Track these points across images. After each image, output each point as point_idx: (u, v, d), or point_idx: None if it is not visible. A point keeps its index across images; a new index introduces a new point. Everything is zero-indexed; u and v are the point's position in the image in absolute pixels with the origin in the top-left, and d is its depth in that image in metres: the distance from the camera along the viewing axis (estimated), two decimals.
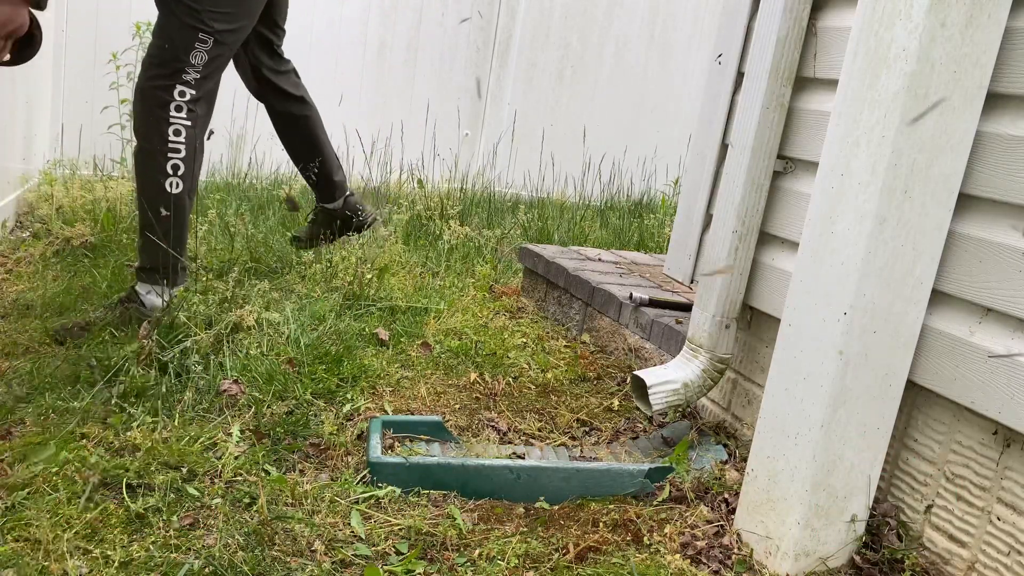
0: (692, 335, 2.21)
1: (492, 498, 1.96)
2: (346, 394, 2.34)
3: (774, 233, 2.11)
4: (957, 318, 1.66)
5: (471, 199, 5.07)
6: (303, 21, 5.54)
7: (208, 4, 2.41)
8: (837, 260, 1.65)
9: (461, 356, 2.69)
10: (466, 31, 6.11)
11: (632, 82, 6.58)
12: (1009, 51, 1.58)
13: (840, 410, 1.66)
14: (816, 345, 1.68)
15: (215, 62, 2.49)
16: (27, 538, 1.59)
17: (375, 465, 1.94)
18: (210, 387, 2.25)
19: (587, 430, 2.36)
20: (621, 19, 6.44)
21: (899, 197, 1.58)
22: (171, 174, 2.46)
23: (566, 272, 3.22)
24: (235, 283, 2.78)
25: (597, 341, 3.00)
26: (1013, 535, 1.58)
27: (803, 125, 2.03)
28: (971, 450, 1.67)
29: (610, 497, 1.98)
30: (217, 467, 1.91)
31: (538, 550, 1.74)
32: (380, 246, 3.60)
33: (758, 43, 2.04)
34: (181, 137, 2.43)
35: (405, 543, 1.73)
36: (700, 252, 2.40)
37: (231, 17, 2.47)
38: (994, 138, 1.60)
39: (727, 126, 2.28)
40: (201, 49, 2.42)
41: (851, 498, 1.73)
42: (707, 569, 1.72)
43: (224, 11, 2.44)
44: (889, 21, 1.57)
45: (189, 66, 2.42)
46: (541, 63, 6.33)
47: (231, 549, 1.62)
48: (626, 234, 4.71)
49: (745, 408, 2.25)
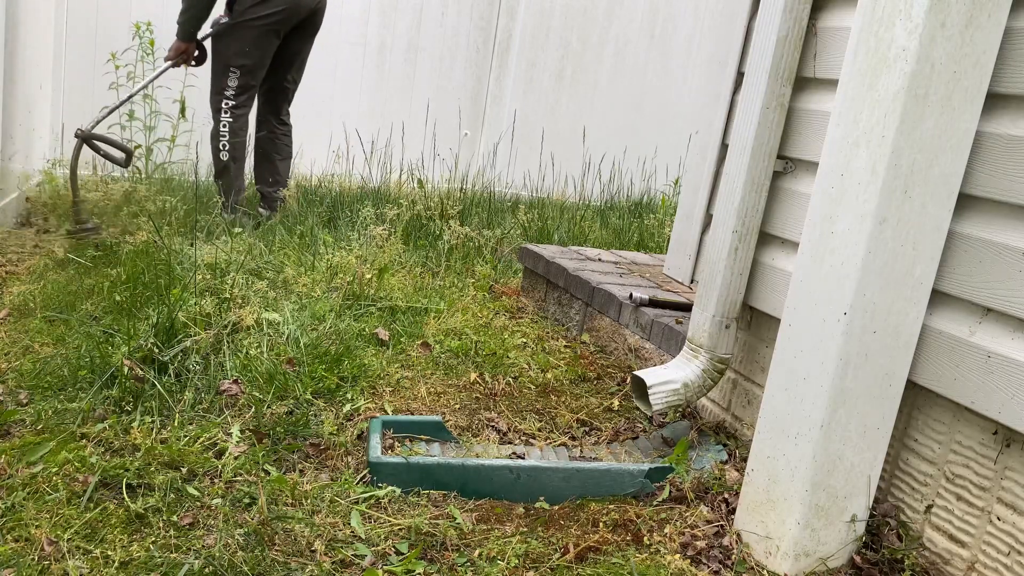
0: (692, 335, 2.21)
1: (492, 498, 1.96)
2: (346, 394, 2.34)
3: (774, 233, 2.11)
4: (957, 318, 1.66)
5: (471, 199, 5.07)
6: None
7: (233, 53, 3.89)
8: (837, 260, 1.65)
9: (461, 356, 2.69)
10: (466, 31, 6.11)
11: (632, 82, 6.58)
12: (1009, 51, 1.58)
13: (840, 410, 1.66)
14: (816, 345, 1.68)
15: (245, 86, 3.97)
16: (27, 538, 1.59)
17: (375, 465, 1.94)
18: (210, 387, 2.25)
19: (587, 430, 2.36)
20: (621, 19, 6.44)
21: (899, 197, 1.58)
22: (221, 149, 4.00)
23: (566, 272, 3.22)
24: (234, 283, 2.78)
25: (597, 341, 3.00)
26: (1013, 535, 1.58)
27: (803, 125, 2.03)
28: (971, 450, 1.67)
29: (610, 497, 1.98)
30: (217, 467, 1.91)
31: (538, 550, 1.74)
32: (380, 246, 3.60)
33: (758, 43, 2.03)
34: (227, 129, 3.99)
35: (405, 543, 1.73)
36: (700, 252, 2.40)
37: (248, 55, 3.90)
38: (994, 138, 1.60)
39: (727, 126, 2.28)
40: (233, 76, 3.90)
41: (851, 498, 1.72)
42: (707, 569, 1.72)
43: (243, 53, 3.90)
44: (889, 21, 1.57)
45: (227, 88, 3.92)
46: (541, 63, 6.33)
47: (231, 549, 1.62)
48: (626, 234, 4.71)
49: (745, 408, 2.25)
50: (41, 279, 3.10)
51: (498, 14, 6.15)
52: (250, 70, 3.87)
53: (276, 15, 3.83)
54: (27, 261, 3.36)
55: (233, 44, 3.82)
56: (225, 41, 3.85)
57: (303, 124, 5.73)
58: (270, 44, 3.89)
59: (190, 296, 2.65)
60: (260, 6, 3.78)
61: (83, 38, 4.99)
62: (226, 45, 3.84)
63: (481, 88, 6.26)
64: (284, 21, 3.87)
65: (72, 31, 4.96)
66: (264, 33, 3.83)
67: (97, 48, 5.04)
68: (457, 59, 6.14)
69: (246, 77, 3.86)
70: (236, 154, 3.98)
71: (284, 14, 3.86)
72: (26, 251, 3.50)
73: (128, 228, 3.67)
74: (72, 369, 2.27)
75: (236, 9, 3.82)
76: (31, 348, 2.45)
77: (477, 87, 6.24)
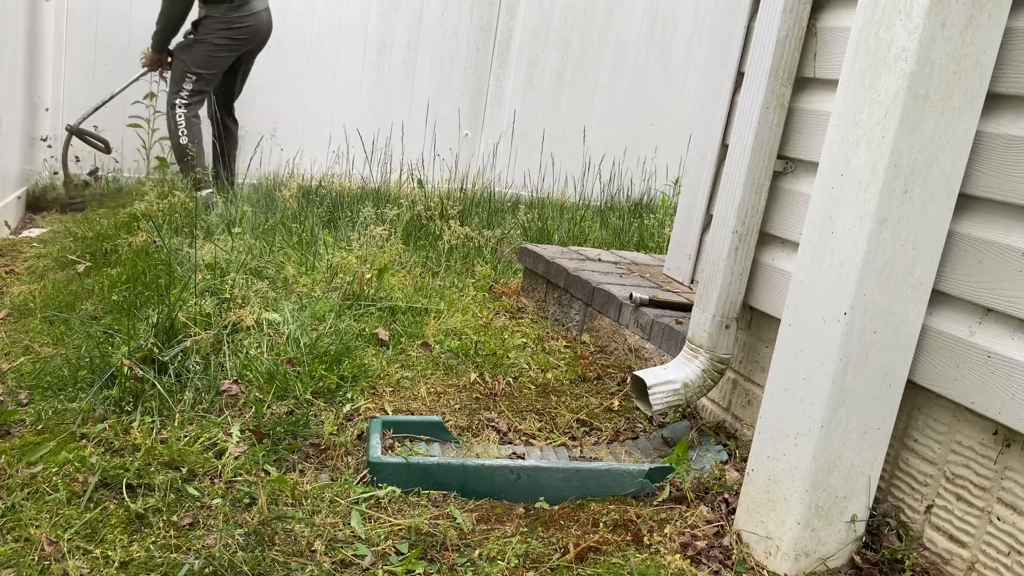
0: (692, 335, 2.21)
1: (492, 498, 1.96)
2: (346, 394, 2.34)
3: (774, 233, 2.11)
4: (957, 318, 1.66)
5: (471, 199, 5.07)
6: (303, 22, 5.54)
7: (191, 62, 4.48)
8: (837, 260, 1.65)
9: (461, 356, 2.69)
10: (466, 31, 6.11)
11: (632, 82, 6.58)
12: (1009, 51, 1.58)
13: (840, 410, 1.66)
14: (816, 345, 1.68)
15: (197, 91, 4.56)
16: (27, 538, 1.59)
17: (375, 465, 1.94)
18: (210, 387, 2.25)
19: (587, 430, 2.36)
20: (621, 19, 6.44)
21: (899, 197, 1.58)
22: (180, 135, 4.49)
23: (566, 272, 3.22)
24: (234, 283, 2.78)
25: (597, 341, 3.00)
26: (1013, 535, 1.58)
27: (803, 125, 2.03)
28: (971, 450, 1.67)
29: (610, 497, 1.98)
30: (217, 467, 1.91)
31: (538, 550, 1.74)
32: (380, 246, 3.60)
33: (758, 43, 2.03)
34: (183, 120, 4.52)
35: (405, 543, 1.73)
36: (700, 252, 2.40)
37: (204, 67, 4.51)
38: (994, 138, 1.60)
39: (727, 126, 2.28)
40: (189, 81, 4.47)
41: (851, 498, 1.73)
42: (707, 569, 1.72)
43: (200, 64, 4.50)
44: (889, 21, 1.57)
45: (183, 90, 4.47)
46: (541, 63, 6.33)
47: (231, 549, 1.62)
48: (626, 234, 4.71)
49: (745, 408, 2.25)
50: (41, 279, 3.10)
51: (498, 14, 6.15)
52: (204, 79, 4.50)
53: (236, 43, 4.54)
54: (27, 261, 3.36)
55: (193, 56, 4.47)
56: (188, 52, 4.49)
57: (303, 124, 5.75)
58: (225, 60, 4.56)
59: (190, 296, 2.65)
60: (222, 32, 4.45)
61: (83, 38, 4.99)
62: (187, 55, 4.48)
63: (481, 88, 6.26)
64: (240, 45, 4.56)
65: (72, 31, 4.95)
66: (220, 51, 4.50)
67: (97, 48, 5.04)
68: (457, 59, 6.14)
69: (200, 83, 4.49)
70: (193, 137, 4.49)
71: (242, 43, 4.57)
72: (28, 250, 3.50)
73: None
74: (72, 369, 2.27)
75: (200, 30, 4.49)
76: (31, 348, 2.45)
77: (477, 87, 6.24)
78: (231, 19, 4.45)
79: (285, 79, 5.46)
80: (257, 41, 4.67)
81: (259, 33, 4.63)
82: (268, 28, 4.69)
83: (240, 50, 4.60)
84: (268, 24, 4.69)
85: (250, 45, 4.64)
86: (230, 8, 4.44)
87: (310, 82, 5.71)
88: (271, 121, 5.48)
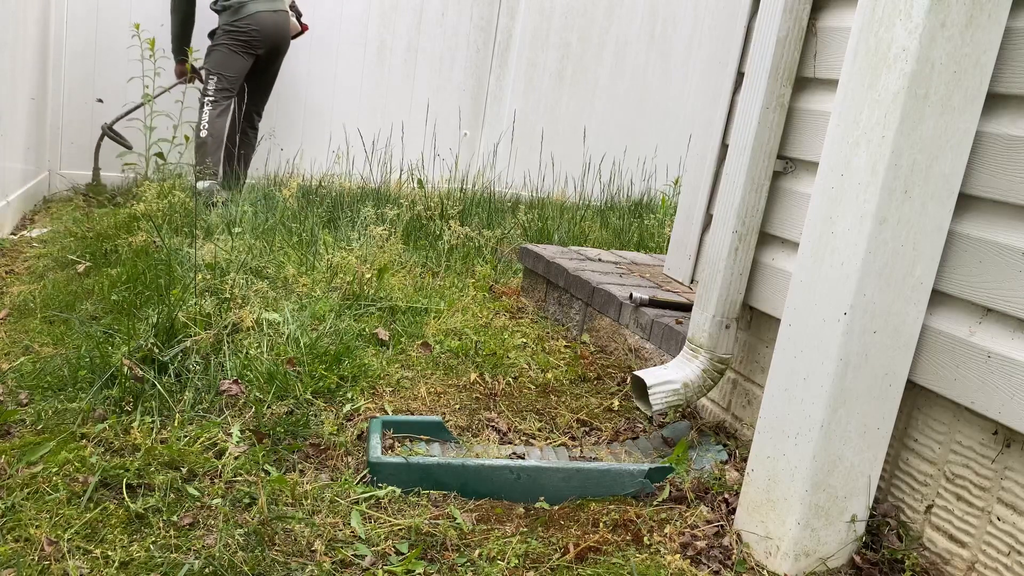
0: (692, 335, 2.21)
1: (492, 498, 1.96)
2: (346, 394, 2.34)
3: (774, 233, 2.11)
4: (957, 318, 1.66)
5: (471, 199, 5.07)
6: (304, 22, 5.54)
7: (211, 64, 4.84)
8: (837, 260, 1.65)
9: (461, 356, 2.69)
10: (466, 31, 6.11)
11: (632, 82, 6.58)
12: (1009, 51, 1.58)
13: (840, 410, 1.66)
14: (816, 345, 1.68)
15: (222, 90, 4.89)
16: (27, 538, 1.59)
17: (375, 465, 1.94)
18: (210, 387, 2.25)
19: (587, 430, 2.36)
20: (621, 19, 6.44)
21: (899, 197, 1.58)
22: (201, 128, 4.82)
23: (566, 272, 3.22)
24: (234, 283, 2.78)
25: (597, 341, 3.00)
26: (1013, 535, 1.58)
27: (803, 125, 2.03)
28: (971, 450, 1.67)
29: (610, 497, 1.98)
30: (217, 467, 1.91)
31: (538, 550, 1.74)
32: (380, 246, 3.60)
33: (758, 43, 2.03)
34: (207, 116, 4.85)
35: (405, 543, 1.73)
36: (700, 252, 2.40)
37: (223, 67, 4.85)
38: (994, 138, 1.60)
39: (727, 126, 2.28)
40: (212, 81, 4.82)
41: (851, 498, 1.73)
42: (707, 569, 1.72)
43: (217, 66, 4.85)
44: (889, 21, 1.57)
45: (209, 89, 4.82)
46: (541, 63, 6.33)
47: (231, 549, 1.62)
48: (626, 234, 4.71)
49: (745, 408, 2.25)
50: (41, 279, 3.10)
51: (498, 14, 6.15)
52: (225, 79, 4.83)
53: (243, 44, 4.82)
54: (27, 261, 3.36)
55: (212, 59, 4.86)
56: (209, 56, 4.90)
57: (303, 124, 5.76)
58: (239, 62, 4.86)
59: (190, 296, 2.65)
60: (229, 35, 4.79)
61: (83, 38, 4.99)
62: (209, 58, 4.89)
63: (481, 88, 6.26)
64: (249, 46, 4.83)
65: (72, 31, 4.95)
66: (232, 53, 4.82)
67: (97, 48, 5.04)
68: (457, 59, 6.14)
69: (222, 83, 4.82)
70: (213, 132, 4.79)
71: (251, 44, 4.84)
72: (29, 250, 3.50)
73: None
74: (72, 369, 2.27)
75: (215, 36, 4.88)
76: (31, 348, 2.45)
77: (477, 87, 6.24)
78: (232, 23, 4.77)
79: (285, 79, 5.46)
80: (269, 44, 4.88)
81: (267, 35, 4.83)
82: (277, 29, 4.86)
83: (252, 51, 4.85)
84: (275, 25, 4.84)
85: (262, 48, 4.87)
86: (231, 13, 4.77)
87: (310, 82, 5.71)
88: (271, 121, 5.48)
